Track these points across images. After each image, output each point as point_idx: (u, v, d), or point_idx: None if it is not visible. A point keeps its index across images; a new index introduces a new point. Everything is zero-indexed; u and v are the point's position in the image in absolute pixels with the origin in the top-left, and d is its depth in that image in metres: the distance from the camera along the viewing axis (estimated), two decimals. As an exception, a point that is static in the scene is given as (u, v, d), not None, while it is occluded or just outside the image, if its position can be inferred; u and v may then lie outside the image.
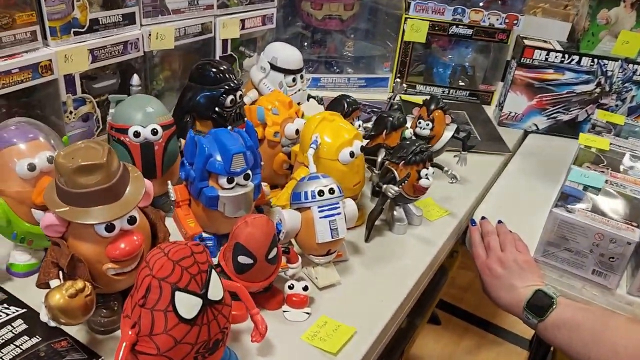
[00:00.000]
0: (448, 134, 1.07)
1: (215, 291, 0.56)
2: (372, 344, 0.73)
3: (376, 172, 0.96)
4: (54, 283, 0.63)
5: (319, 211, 0.76)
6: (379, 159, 0.96)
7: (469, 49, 1.56)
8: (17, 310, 0.70)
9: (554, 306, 0.81)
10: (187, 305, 0.53)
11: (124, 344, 0.54)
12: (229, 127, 0.94)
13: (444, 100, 1.08)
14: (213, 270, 0.56)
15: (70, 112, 1.00)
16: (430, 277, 0.93)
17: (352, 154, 0.85)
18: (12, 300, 0.72)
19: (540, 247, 0.91)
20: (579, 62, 1.29)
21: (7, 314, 0.69)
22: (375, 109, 1.40)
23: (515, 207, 1.07)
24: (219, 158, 0.77)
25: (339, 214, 0.78)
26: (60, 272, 0.64)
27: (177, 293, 0.52)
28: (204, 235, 0.83)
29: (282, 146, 0.95)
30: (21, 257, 0.78)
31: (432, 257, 0.91)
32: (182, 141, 0.93)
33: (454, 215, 1.02)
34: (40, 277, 0.64)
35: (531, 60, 1.31)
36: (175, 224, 0.85)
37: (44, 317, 0.60)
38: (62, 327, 0.67)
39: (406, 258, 0.90)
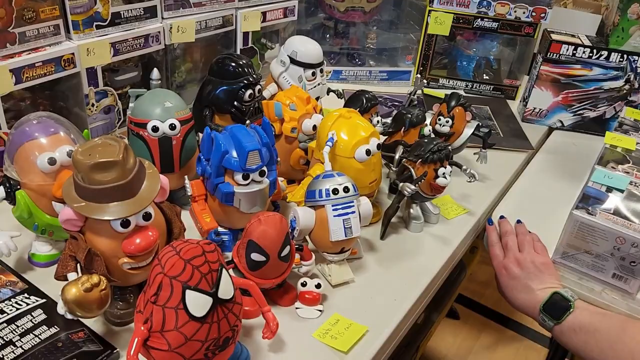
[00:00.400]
0: (468, 131, 1.05)
1: (226, 290, 0.57)
2: (383, 344, 0.73)
3: (393, 169, 0.95)
4: (71, 276, 0.64)
5: (333, 210, 0.76)
6: (397, 156, 0.95)
7: (495, 42, 1.53)
8: (37, 300, 0.72)
9: (571, 310, 0.80)
10: (198, 303, 0.54)
11: (136, 339, 0.55)
12: (247, 122, 0.94)
13: (465, 96, 1.06)
14: (224, 269, 0.57)
15: (93, 105, 1.01)
16: (445, 275, 0.93)
17: (368, 152, 0.85)
18: (33, 290, 0.74)
19: (560, 248, 0.89)
20: (607, 58, 1.26)
21: (28, 304, 0.71)
22: (396, 103, 1.39)
23: (535, 207, 1.05)
24: (234, 154, 0.78)
25: (353, 212, 0.77)
26: (78, 265, 0.66)
27: (187, 291, 0.53)
28: (220, 229, 0.84)
29: (299, 142, 0.95)
30: (42, 247, 0.80)
31: (448, 256, 0.90)
32: (201, 135, 0.94)
33: (472, 214, 1.01)
34: (58, 269, 0.66)
35: (558, 56, 1.28)
36: (192, 218, 0.86)
37: (61, 309, 0.62)
38: (79, 318, 0.69)
39: (421, 257, 0.90)
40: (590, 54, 1.26)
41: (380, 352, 0.73)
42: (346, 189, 0.77)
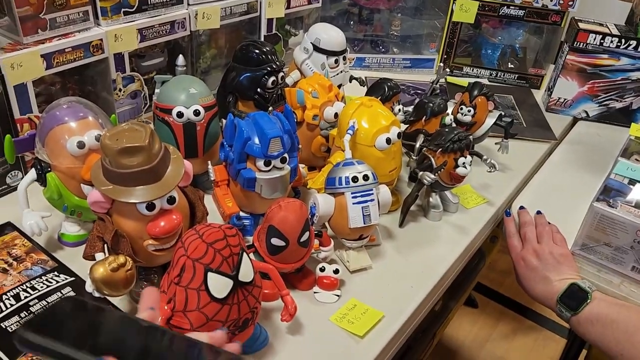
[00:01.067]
0: (490, 120, 1.05)
1: (246, 273, 0.58)
2: (398, 329, 0.74)
3: (414, 157, 0.96)
4: (99, 256, 0.67)
5: (353, 197, 0.78)
6: (417, 145, 0.96)
7: (521, 30, 1.51)
8: (66, 278, 0.75)
9: (589, 300, 0.80)
10: (219, 285, 0.56)
11: (160, 318, 0.57)
12: (269, 109, 0.96)
13: (489, 85, 1.06)
14: (244, 253, 0.59)
15: (120, 90, 1.04)
16: (463, 264, 0.94)
17: (388, 141, 0.85)
18: (62, 269, 0.77)
19: (579, 240, 0.89)
20: (636, 48, 1.23)
21: (57, 281, 0.74)
22: (419, 91, 1.39)
23: (556, 198, 1.05)
24: (257, 141, 0.79)
25: (372, 200, 0.79)
26: (105, 246, 0.68)
27: (209, 274, 0.55)
28: (242, 214, 0.86)
29: (320, 129, 0.96)
30: (71, 228, 0.83)
31: (466, 245, 0.91)
32: (224, 121, 0.96)
33: (491, 204, 1.01)
34: (86, 249, 0.69)
35: (585, 45, 1.26)
36: (214, 202, 0.89)
37: (89, 288, 0.65)
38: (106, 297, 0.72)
39: (439, 245, 0.91)
40: (619, 44, 1.24)
41: (396, 337, 0.74)
42: (366, 177, 0.78)
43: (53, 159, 0.77)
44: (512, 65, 1.51)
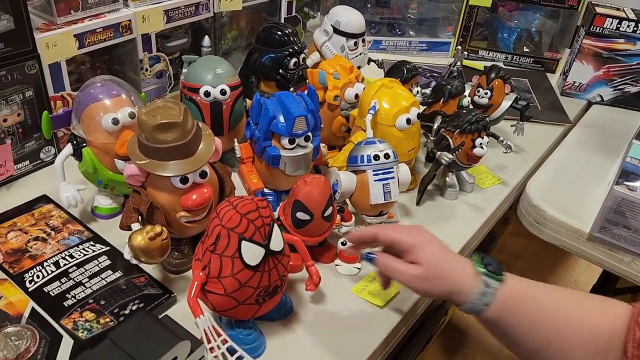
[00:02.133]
0: (506, 103, 1.07)
1: (277, 243, 0.62)
2: (415, 303, 0.78)
3: (432, 138, 0.99)
4: (134, 226, 0.71)
5: (374, 174, 0.81)
6: (435, 126, 0.99)
7: (537, 14, 1.52)
8: (101, 248, 0.79)
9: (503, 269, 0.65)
10: (252, 253, 0.60)
11: (196, 283, 0.61)
12: (291, 89, 0.99)
13: (505, 68, 1.08)
14: (275, 224, 0.63)
15: (146, 70, 1.07)
16: (478, 242, 0.97)
17: (408, 121, 0.88)
18: (97, 239, 0.81)
19: (598, 223, 0.91)
20: (652, 33, 1.24)
21: (94, 250, 0.79)
22: (435, 74, 1.41)
23: (570, 180, 1.07)
24: (282, 120, 0.82)
25: (392, 178, 0.82)
26: (140, 217, 0.72)
27: (243, 242, 0.59)
28: (266, 190, 0.89)
29: (341, 109, 0.99)
30: (104, 201, 0.87)
31: (481, 224, 0.94)
32: (248, 101, 0.99)
33: (506, 184, 1.04)
34: (123, 220, 0.73)
35: (601, 29, 1.27)
36: (240, 179, 0.92)
37: (127, 255, 0.69)
38: (141, 265, 0.76)
39: (455, 223, 0.94)
40: (635, 28, 1.25)
41: (412, 310, 0.78)
42: (387, 155, 0.81)
43: (88, 135, 0.81)
44: (527, 49, 1.52)
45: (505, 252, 2.06)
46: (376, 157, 0.81)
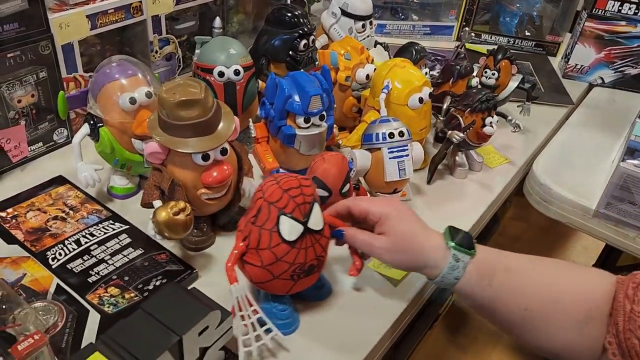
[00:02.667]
0: (513, 84, 1.09)
1: (316, 222, 0.63)
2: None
3: (441, 118, 1.00)
4: (156, 203, 0.72)
5: (389, 152, 0.82)
6: (445, 106, 1.00)
7: (538, -2, 1.54)
8: (121, 226, 0.80)
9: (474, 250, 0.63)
10: (289, 228, 0.61)
11: (236, 252, 0.62)
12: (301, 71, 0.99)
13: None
14: (316, 203, 0.63)
15: (156, 52, 1.07)
16: (487, 219, 0.99)
17: (420, 100, 0.89)
18: (116, 218, 0.82)
19: (604, 199, 0.93)
20: (654, 15, 1.26)
21: (113, 229, 0.79)
22: (439, 57, 1.42)
23: (575, 158, 1.09)
24: (297, 99, 0.83)
25: (407, 155, 0.83)
26: (161, 194, 0.73)
27: (282, 217, 0.60)
28: (281, 170, 0.90)
29: (352, 90, 1.00)
30: (120, 181, 0.87)
31: (491, 201, 0.96)
32: (260, 82, 0.99)
33: (513, 164, 1.06)
34: (144, 197, 0.73)
35: (603, 12, 1.29)
36: (255, 158, 0.93)
37: (151, 231, 0.70)
38: (161, 242, 0.77)
39: (465, 201, 0.96)
40: (637, 11, 1.27)
41: (427, 285, 0.80)
42: (401, 133, 0.83)
43: (105, 114, 0.81)
44: (529, 33, 1.54)
45: (505, 236, 2.09)
46: (391, 135, 0.82)
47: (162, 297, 0.58)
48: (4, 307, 0.63)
